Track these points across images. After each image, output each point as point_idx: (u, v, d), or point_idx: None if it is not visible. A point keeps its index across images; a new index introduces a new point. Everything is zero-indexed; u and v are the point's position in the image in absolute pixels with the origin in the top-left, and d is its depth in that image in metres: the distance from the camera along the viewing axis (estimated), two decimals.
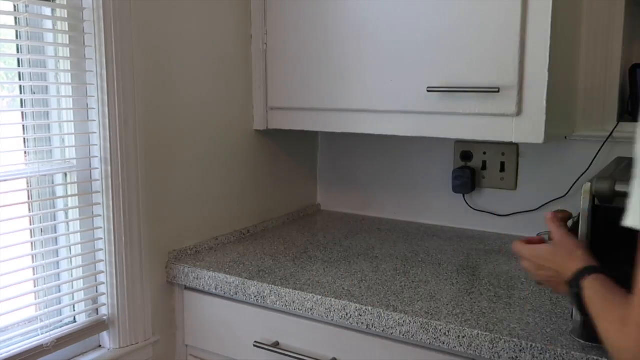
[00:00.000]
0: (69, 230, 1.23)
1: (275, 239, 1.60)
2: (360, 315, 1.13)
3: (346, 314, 1.14)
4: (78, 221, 1.23)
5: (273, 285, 1.23)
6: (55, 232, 1.21)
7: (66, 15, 1.18)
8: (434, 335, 1.05)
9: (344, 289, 1.21)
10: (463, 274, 1.30)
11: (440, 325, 1.04)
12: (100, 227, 1.25)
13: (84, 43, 1.20)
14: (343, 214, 1.92)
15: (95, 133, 1.22)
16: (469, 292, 1.19)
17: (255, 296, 1.26)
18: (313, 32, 1.48)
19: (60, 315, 1.22)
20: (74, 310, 1.25)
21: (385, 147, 1.83)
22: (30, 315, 1.16)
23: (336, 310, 1.15)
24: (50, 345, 1.16)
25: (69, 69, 1.19)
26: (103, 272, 1.26)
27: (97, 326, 1.26)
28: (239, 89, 1.58)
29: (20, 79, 1.15)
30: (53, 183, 1.20)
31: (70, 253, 1.24)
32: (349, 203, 1.92)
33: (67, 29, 1.18)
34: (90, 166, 1.23)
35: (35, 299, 1.18)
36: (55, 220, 1.23)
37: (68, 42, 1.19)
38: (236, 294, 1.29)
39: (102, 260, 1.26)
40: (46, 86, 1.18)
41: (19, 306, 1.13)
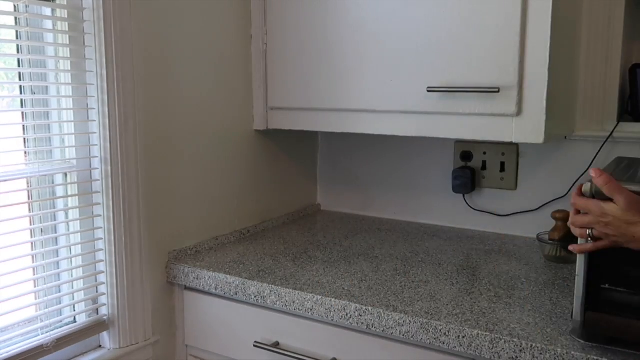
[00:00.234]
0: (69, 230, 1.23)
1: (275, 239, 1.60)
2: (360, 316, 1.13)
3: (346, 314, 1.14)
4: (78, 221, 1.23)
5: (273, 285, 1.23)
6: (56, 232, 1.21)
7: (66, 16, 1.18)
8: (434, 335, 1.05)
9: (344, 289, 1.21)
10: (463, 274, 1.30)
11: (440, 325, 1.04)
12: (101, 227, 1.25)
13: (84, 43, 1.20)
14: (343, 214, 1.92)
15: (95, 133, 1.22)
16: (469, 292, 1.19)
17: (255, 296, 1.26)
18: (313, 32, 1.48)
19: (61, 315, 1.22)
20: (74, 311, 1.25)
21: (385, 147, 1.83)
22: (30, 316, 1.16)
23: (336, 310, 1.15)
24: (50, 346, 1.16)
25: (69, 69, 1.19)
26: (103, 272, 1.26)
27: (97, 326, 1.26)
28: (239, 89, 1.58)
29: (20, 79, 1.15)
30: (53, 183, 1.20)
31: (71, 253, 1.24)
32: (349, 203, 1.92)
33: (67, 29, 1.18)
34: (90, 166, 1.23)
35: (36, 299, 1.18)
36: (55, 220, 1.23)
37: (68, 42, 1.19)
38: (236, 294, 1.29)
39: (102, 261, 1.26)
40: (46, 86, 1.18)
41: (19, 306, 1.13)
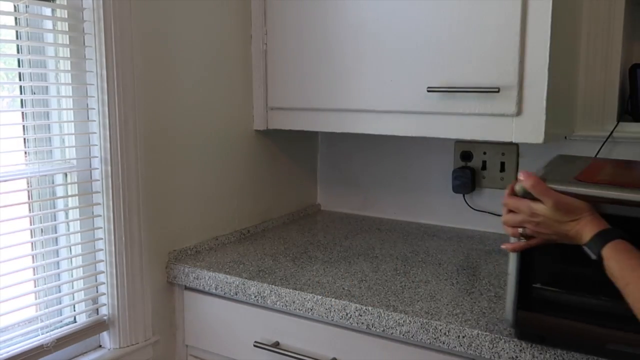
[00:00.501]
0: (69, 230, 1.23)
1: (275, 239, 1.60)
2: (360, 315, 1.13)
3: (346, 314, 1.14)
4: (78, 221, 1.23)
5: (273, 285, 1.23)
6: (56, 232, 1.21)
7: (66, 16, 1.18)
8: (434, 335, 1.05)
9: (344, 289, 1.21)
10: (463, 274, 1.30)
11: (440, 325, 1.04)
12: (101, 227, 1.25)
13: (84, 43, 1.20)
14: (343, 214, 1.92)
15: (95, 133, 1.22)
16: (469, 292, 1.19)
17: (255, 296, 1.26)
18: (313, 33, 1.48)
19: (61, 315, 1.22)
20: (74, 310, 1.25)
21: (385, 147, 1.83)
22: (30, 316, 1.16)
23: (336, 310, 1.15)
24: (50, 346, 1.16)
25: (69, 69, 1.19)
26: (103, 272, 1.26)
27: (97, 326, 1.26)
28: (239, 89, 1.58)
29: (20, 79, 1.15)
30: (53, 183, 1.20)
31: (71, 253, 1.24)
32: (349, 203, 1.92)
33: (67, 29, 1.18)
34: (90, 166, 1.23)
35: (36, 299, 1.18)
36: (55, 220, 1.23)
37: (68, 43, 1.19)
38: (236, 294, 1.29)
39: (102, 261, 1.26)
40: (46, 86, 1.18)
41: (19, 306, 1.13)
